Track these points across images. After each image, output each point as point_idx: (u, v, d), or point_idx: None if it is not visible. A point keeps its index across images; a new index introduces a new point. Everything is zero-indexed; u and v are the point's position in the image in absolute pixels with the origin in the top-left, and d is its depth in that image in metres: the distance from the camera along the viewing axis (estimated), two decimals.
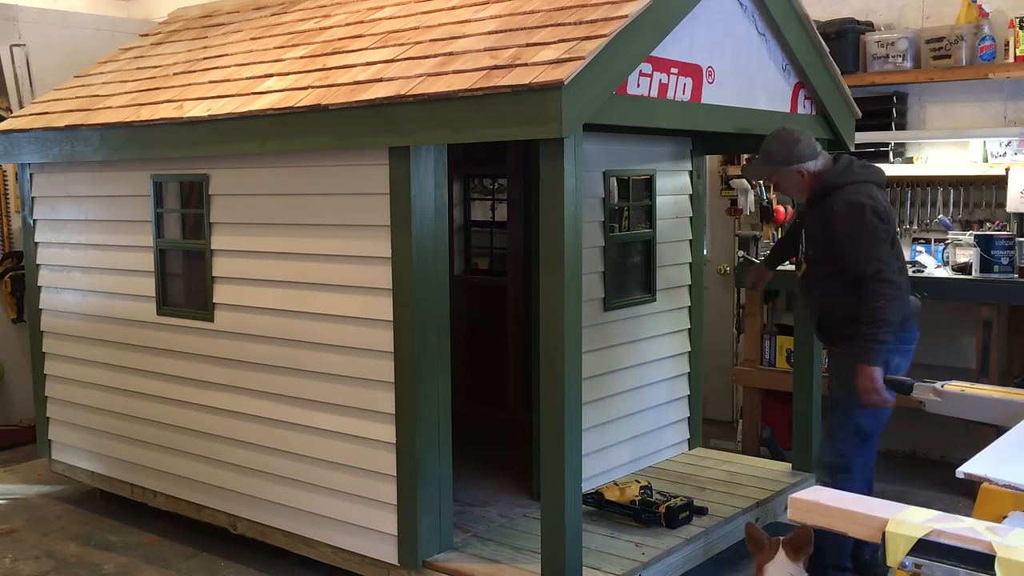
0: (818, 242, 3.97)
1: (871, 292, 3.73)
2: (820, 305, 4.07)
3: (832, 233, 3.84)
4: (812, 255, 4.03)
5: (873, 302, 3.72)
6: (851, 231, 3.80)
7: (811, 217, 4.02)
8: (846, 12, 5.95)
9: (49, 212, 5.40)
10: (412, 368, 3.76)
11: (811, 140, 4.02)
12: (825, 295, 4.01)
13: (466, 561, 3.85)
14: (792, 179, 3.99)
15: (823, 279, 3.99)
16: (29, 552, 4.77)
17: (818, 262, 3.99)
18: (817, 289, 4.05)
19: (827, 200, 3.87)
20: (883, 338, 3.71)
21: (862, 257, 3.77)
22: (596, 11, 3.51)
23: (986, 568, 1.85)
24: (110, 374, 5.09)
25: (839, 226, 3.82)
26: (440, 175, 3.79)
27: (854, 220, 3.80)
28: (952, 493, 5.16)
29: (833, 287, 3.94)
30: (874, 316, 3.71)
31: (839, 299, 3.93)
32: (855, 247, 3.80)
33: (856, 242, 3.80)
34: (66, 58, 6.68)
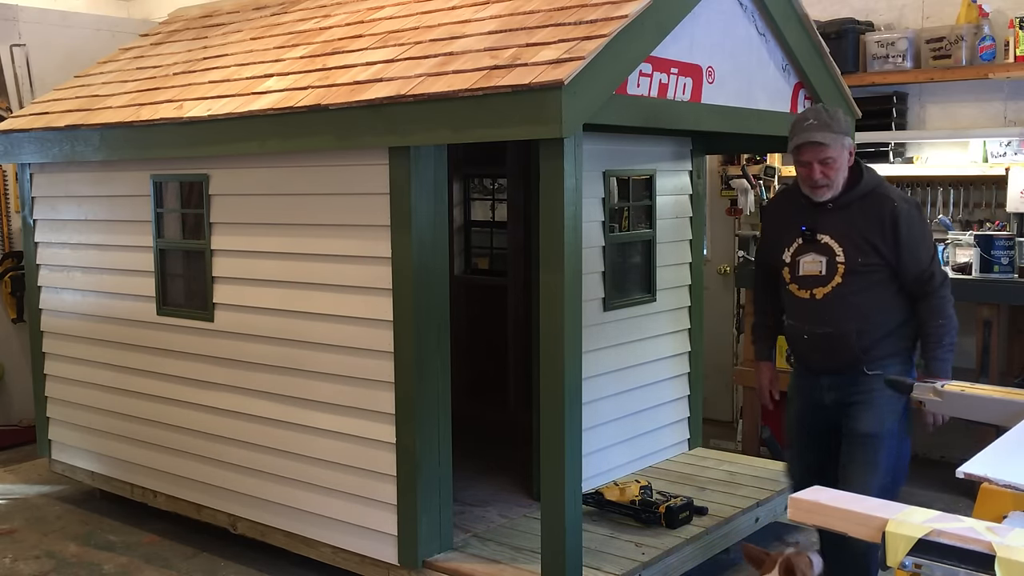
0: (864, 246, 3.48)
1: (942, 299, 3.49)
2: (860, 322, 3.51)
3: (895, 232, 3.45)
4: (852, 264, 3.49)
5: (948, 308, 3.48)
6: (920, 230, 3.51)
7: (841, 219, 3.53)
8: (846, 12, 5.95)
9: (49, 212, 5.40)
10: (412, 368, 3.76)
11: None
12: (868, 309, 3.51)
13: (466, 561, 3.85)
14: (844, 159, 3.52)
15: (866, 291, 3.51)
16: (29, 552, 4.77)
17: (862, 272, 3.49)
18: (855, 304, 3.50)
19: (872, 197, 3.52)
20: (954, 348, 3.52)
21: (930, 259, 3.51)
22: (596, 11, 3.51)
23: (986, 568, 1.85)
24: (110, 374, 5.09)
25: (904, 224, 3.46)
26: (440, 175, 3.79)
27: (919, 218, 3.53)
28: (952, 493, 5.16)
29: (880, 298, 3.52)
30: (951, 324, 3.48)
31: (886, 311, 3.53)
32: (925, 248, 3.51)
33: (925, 243, 3.52)
34: (66, 58, 6.68)
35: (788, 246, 3.62)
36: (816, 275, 3.55)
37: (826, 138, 3.44)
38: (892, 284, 3.52)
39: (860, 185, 3.52)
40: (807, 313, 3.58)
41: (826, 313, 3.53)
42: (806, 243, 3.57)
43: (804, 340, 3.60)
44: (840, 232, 3.52)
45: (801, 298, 3.59)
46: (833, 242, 3.53)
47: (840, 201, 3.53)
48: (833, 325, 3.52)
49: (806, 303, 3.57)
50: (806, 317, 3.59)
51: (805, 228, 3.57)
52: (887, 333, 3.54)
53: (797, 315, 3.63)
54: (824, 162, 3.46)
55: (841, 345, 3.52)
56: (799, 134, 3.47)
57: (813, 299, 3.55)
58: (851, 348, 3.51)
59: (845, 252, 3.50)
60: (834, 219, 3.54)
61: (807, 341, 3.60)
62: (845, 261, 3.49)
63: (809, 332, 3.59)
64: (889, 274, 3.50)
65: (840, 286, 3.51)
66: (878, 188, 3.53)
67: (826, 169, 3.48)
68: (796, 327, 3.64)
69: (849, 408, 3.57)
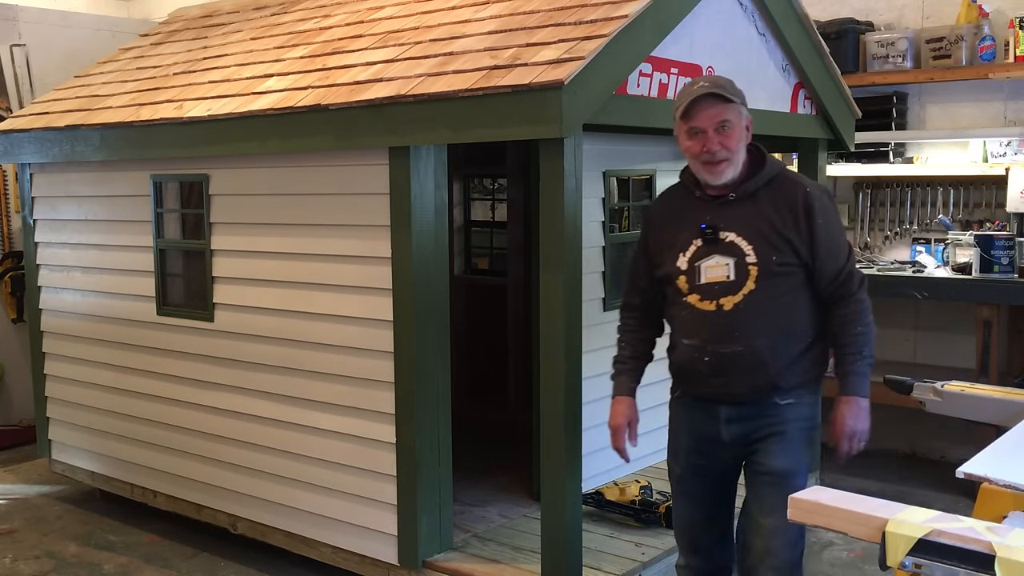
0: (778, 242, 2.89)
1: (861, 303, 2.95)
2: (775, 336, 2.90)
3: (809, 223, 2.90)
4: (766, 265, 2.88)
5: (867, 314, 2.95)
6: (836, 221, 2.98)
7: (747, 211, 2.94)
8: (846, 12, 5.95)
9: (49, 212, 5.40)
10: (412, 368, 3.75)
11: None
12: (786, 320, 2.92)
13: (466, 561, 3.85)
14: (742, 130, 2.95)
15: (783, 297, 2.91)
16: (29, 552, 4.77)
17: (778, 274, 2.89)
18: (772, 315, 2.89)
19: (779, 182, 2.96)
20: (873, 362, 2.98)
21: (847, 255, 2.97)
22: (596, 11, 3.51)
23: (986, 568, 1.85)
24: (110, 374, 5.09)
25: (820, 213, 2.90)
26: (440, 175, 3.79)
27: (833, 207, 3.00)
28: (952, 493, 5.16)
29: (797, 306, 2.94)
30: (871, 333, 2.95)
31: (802, 324, 2.96)
32: (842, 242, 2.97)
33: (842, 236, 2.99)
34: (66, 58, 6.68)
35: (684, 250, 2.98)
36: (723, 281, 2.91)
37: (722, 94, 2.88)
38: (808, 289, 2.95)
39: (765, 169, 2.96)
40: (710, 329, 2.92)
41: (736, 327, 2.89)
42: (707, 244, 2.94)
43: (704, 363, 2.94)
44: (748, 227, 2.91)
45: (704, 311, 2.93)
46: (741, 240, 2.91)
47: (743, 189, 2.94)
48: (744, 342, 2.89)
49: (709, 317, 2.92)
50: (709, 334, 2.93)
51: (705, 226, 2.94)
52: (802, 351, 2.96)
53: (696, 332, 2.96)
54: (722, 128, 2.88)
55: (753, 367, 2.90)
56: (688, 95, 2.90)
57: (720, 311, 2.91)
58: (765, 370, 2.89)
59: (756, 251, 2.89)
60: (739, 212, 2.93)
61: (708, 364, 2.93)
62: (758, 261, 2.88)
63: (713, 352, 2.92)
64: (805, 276, 2.94)
65: (754, 293, 2.88)
66: (784, 172, 3.02)
67: (724, 138, 2.88)
68: (693, 347, 2.97)
69: (758, 444, 2.99)
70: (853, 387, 2.94)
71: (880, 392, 5.06)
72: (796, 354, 2.94)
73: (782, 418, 2.96)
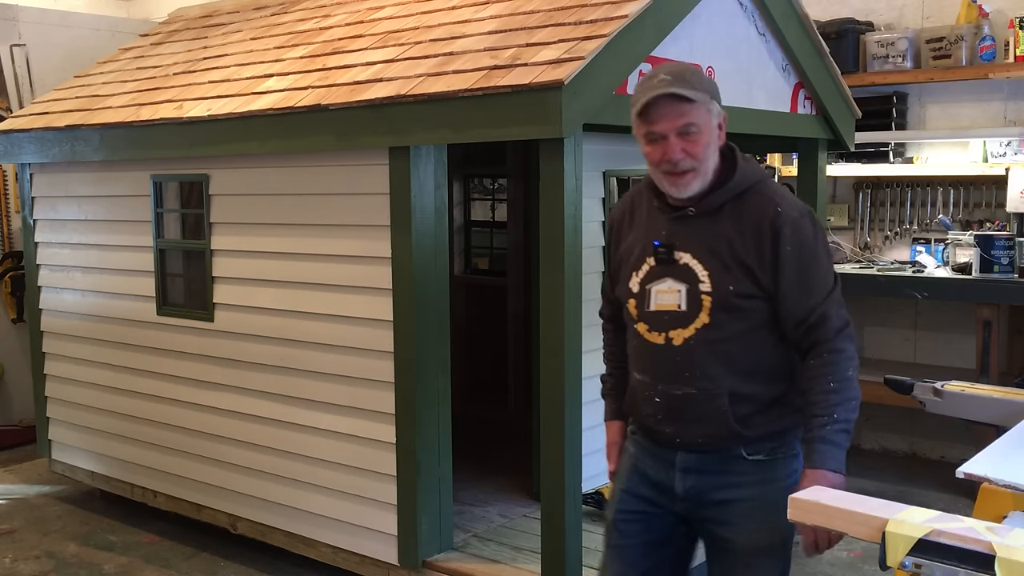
0: (737, 270, 2.38)
1: (839, 353, 2.36)
2: (735, 380, 2.41)
3: (775, 251, 2.37)
4: (721, 295, 2.38)
5: (842, 369, 2.34)
6: (812, 251, 2.40)
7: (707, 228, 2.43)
8: (846, 12, 5.95)
9: (49, 212, 5.40)
10: (412, 368, 3.75)
11: None
12: (748, 363, 2.42)
13: (466, 561, 3.85)
14: (713, 132, 2.41)
15: (745, 336, 2.41)
16: (29, 552, 4.77)
17: (737, 307, 2.39)
18: (729, 355, 2.41)
19: (750, 197, 2.43)
20: (851, 430, 2.38)
21: (825, 294, 2.39)
22: (596, 11, 3.51)
23: (986, 568, 1.85)
24: (110, 374, 5.09)
25: (789, 240, 2.37)
26: (440, 175, 3.79)
27: (814, 234, 2.42)
28: (952, 493, 5.16)
29: (765, 347, 2.43)
30: (849, 393, 2.35)
31: (771, 365, 2.44)
32: (820, 278, 2.39)
33: (820, 270, 2.40)
34: (66, 58, 6.68)
35: (636, 270, 2.51)
36: (673, 311, 2.43)
37: (686, 94, 2.34)
38: (775, 330, 2.45)
39: (734, 179, 2.43)
40: (659, 366, 2.47)
41: (687, 367, 2.43)
42: (660, 265, 2.46)
43: (655, 404, 2.49)
44: (705, 248, 2.41)
45: (652, 344, 2.47)
46: (696, 263, 2.41)
47: (706, 203, 2.43)
48: (696, 383, 2.42)
49: (659, 351, 2.46)
50: (657, 371, 2.48)
51: (659, 243, 2.46)
52: (775, 398, 2.45)
53: (645, 368, 2.51)
54: (685, 133, 2.36)
55: (709, 413, 2.43)
56: (646, 92, 2.38)
57: (669, 346, 2.44)
58: (723, 418, 2.42)
59: (712, 277, 2.39)
60: (698, 229, 2.43)
61: (659, 405, 2.48)
62: (712, 290, 2.39)
63: (663, 393, 2.46)
64: (771, 314, 2.42)
65: (708, 328, 2.40)
66: (758, 185, 2.44)
67: (689, 144, 2.37)
68: (644, 384, 2.52)
69: (720, 509, 2.47)
70: (819, 459, 2.33)
71: (880, 392, 5.09)
72: (765, 401, 2.43)
73: (752, 477, 2.44)
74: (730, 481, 2.46)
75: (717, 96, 2.43)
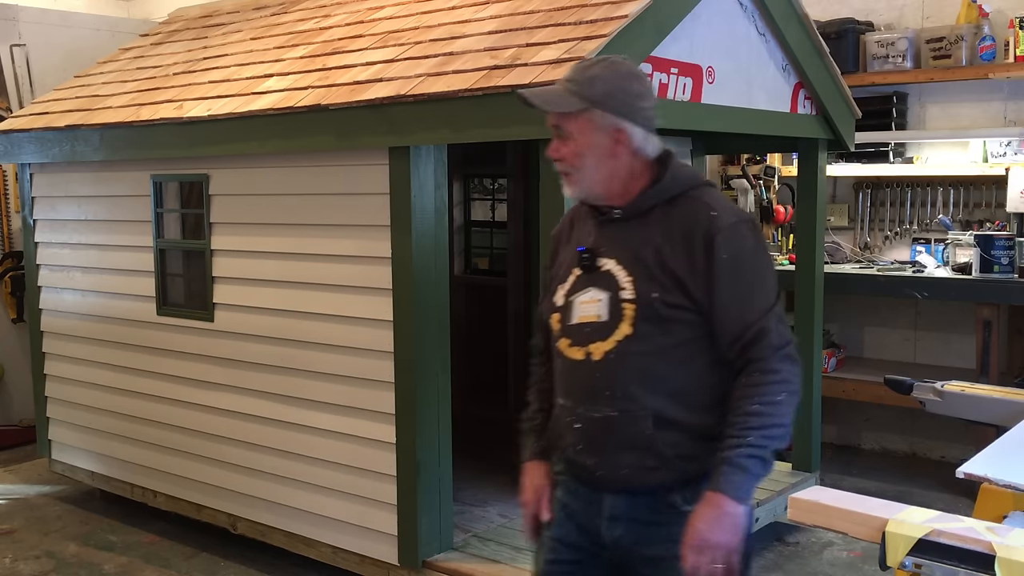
0: (663, 277, 2.14)
1: (773, 375, 2.10)
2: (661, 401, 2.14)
3: (708, 260, 2.12)
4: (644, 302, 2.13)
5: (772, 392, 2.08)
6: (751, 262, 2.16)
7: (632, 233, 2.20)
8: (846, 12, 5.95)
9: (49, 212, 5.40)
10: (412, 368, 3.75)
11: (654, 101, 2.29)
12: (677, 382, 2.15)
13: (466, 561, 3.85)
14: (594, 141, 2.19)
15: (672, 351, 2.14)
16: (29, 552, 4.77)
17: (662, 317, 2.13)
18: (653, 372, 2.14)
19: (683, 203, 2.19)
20: (770, 460, 2.10)
21: (765, 310, 2.13)
22: (596, 11, 3.51)
23: (986, 568, 1.85)
24: (110, 374, 5.09)
25: (725, 248, 2.12)
26: (440, 175, 3.79)
27: (754, 244, 2.18)
28: (952, 493, 5.16)
29: (696, 366, 2.16)
30: (775, 419, 2.08)
31: (707, 390, 2.16)
32: (759, 291, 2.15)
33: (760, 284, 2.16)
34: (66, 58, 6.68)
35: (563, 282, 2.28)
36: (594, 322, 2.18)
37: (559, 102, 2.19)
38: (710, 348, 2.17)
39: (663, 182, 2.21)
40: (578, 385, 2.21)
41: (606, 384, 2.16)
42: (585, 273, 2.23)
43: (575, 431, 2.22)
44: (630, 254, 2.18)
45: (572, 360, 2.22)
46: (619, 269, 2.18)
47: (634, 206, 2.21)
48: (617, 404, 2.15)
49: (578, 369, 2.20)
50: (577, 391, 2.22)
51: (583, 249, 2.25)
52: (708, 432, 2.13)
53: (567, 389, 2.26)
54: (560, 135, 2.21)
55: (631, 439, 2.15)
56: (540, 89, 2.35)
57: (588, 361, 2.18)
58: (648, 445, 2.14)
59: (635, 284, 2.15)
60: (624, 234, 2.21)
61: (579, 432, 2.22)
62: (636, 298, 2.14)
63: (582, 417, 2.20)
64: (703, 330, 2.16)
65: (630, 339, 2.14)
66: (694, 191, 2.22)
67: (563, 146, 2.21)
68: (565, 409, 2.26)
69: (651, 566, 2.20)
70: (718, 481, 2.05)
71: (880, 392, 5.10)
72: (697, 431, 2.14)
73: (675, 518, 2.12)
74: (662, 535, 2.15)
75: (620, 106, 2.18)
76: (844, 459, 5.97)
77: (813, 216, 4.83)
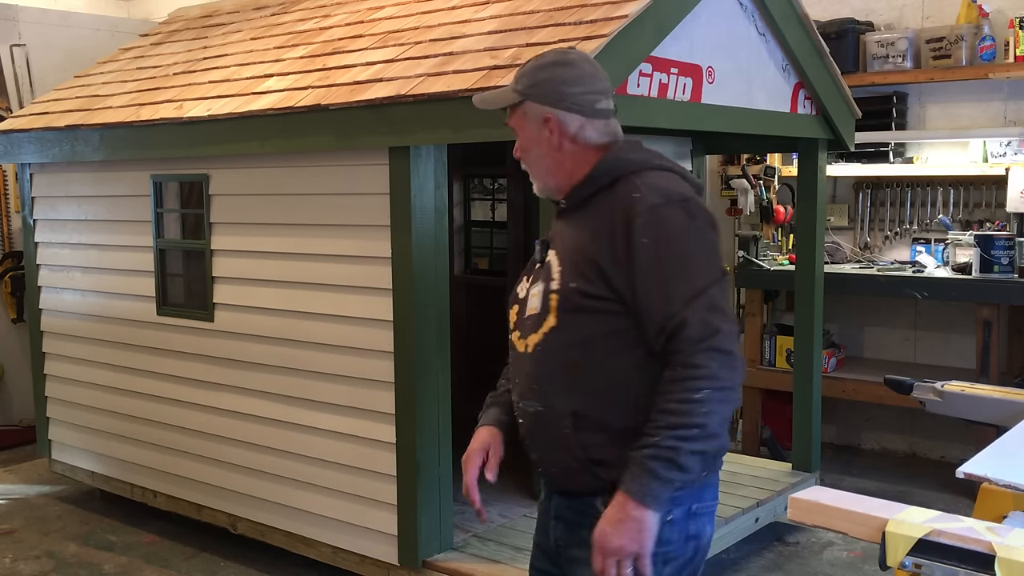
0: (584, 266, 2.06)
1: (693, 370, 1.93)
2: (579, 399, 2.06)
3: (628, 243, 2.00)
4: (565, 294, 2.08)
5: (692, 389, 1.92)
6: (678, 245, 2.00)
7: (571, 224, 2.16)
8: (846, 12, 5.95)
9: (49, 212, 5.40)
10: (412, 368, 3.76)
11: (599, 86, 2.18)
12: (597, 379, 2.05)
13: (466, 561, 3.85)
14: (531, 133, 2.18)
15: (592, 345, 2.05)
16: (29, 552, 4.77)
17: (581, 308, 2.06)
18: (573, 366, 2.07)
19: (617, 188, 2.09)
20: (689, 464, 1.92)
21: (689, 297, 1.96)
22: (596, 11, 3.51)
23: (986, 568, 1.85)
24: (110, 374, 5.09)
25: (646, 230, 1.99)
26: (440, 175, 3.79)
27: (684, 226, 2.01)
28: (952, 493, 5.16)
29: (620, 364, 2.03)
30: (688, 417, 1.91)
31: (632, 390, 2.03)
32: (682, 276, 1.98)
33: (685, 268, 1.99)
34: (66, 58, 6.68)
35: (528, 274, 2.27)
36: (533, 314, 2.15)
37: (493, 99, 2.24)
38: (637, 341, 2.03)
39: (594, 170, 2.13)
40: (519, 377, 2.20)
41: (535, 377, 2.13)
42: (539, 266, 2.21)
43: (520, 425, 2.24)
44: (568, 244, 2.13)
45: (516, 352, 2.22)
46: (556, 260, 2.14)
47: (572, 197, 2.16)
48: (544, 399, 2.12)
49: (518, 360, 2.20)
50: (519, 385, 2.20)
51: (538, 241, 2.25)
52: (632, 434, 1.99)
53: (512, 382, 2.26)
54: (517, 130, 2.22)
55: (554, 437, 2.11)
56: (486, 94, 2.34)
57: (525, 353, 2.17)
58: (567, 446, 2.08)
59: (562, 274, 2.10)
60: (567, 225, 2.18)
61: (522, 427, 2.23)
62: (559, 288, 2.09)
63: (522, 411, 2.20)
64: (631, 320, 2.03)
65: (554, 331, 2.09)
66: (635, 175, 2.08)
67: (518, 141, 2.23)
68: (515, 403, 2.25)
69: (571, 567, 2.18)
70: (627, 483, 1.93)
71: (880, 392, 5.10)
72: (618, 432, 2.02)
73: None
74: (583, 536, 2.03)
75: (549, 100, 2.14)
76: (844, 459, 5.97)
77: (813, 216, 4.84)
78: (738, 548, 4.45)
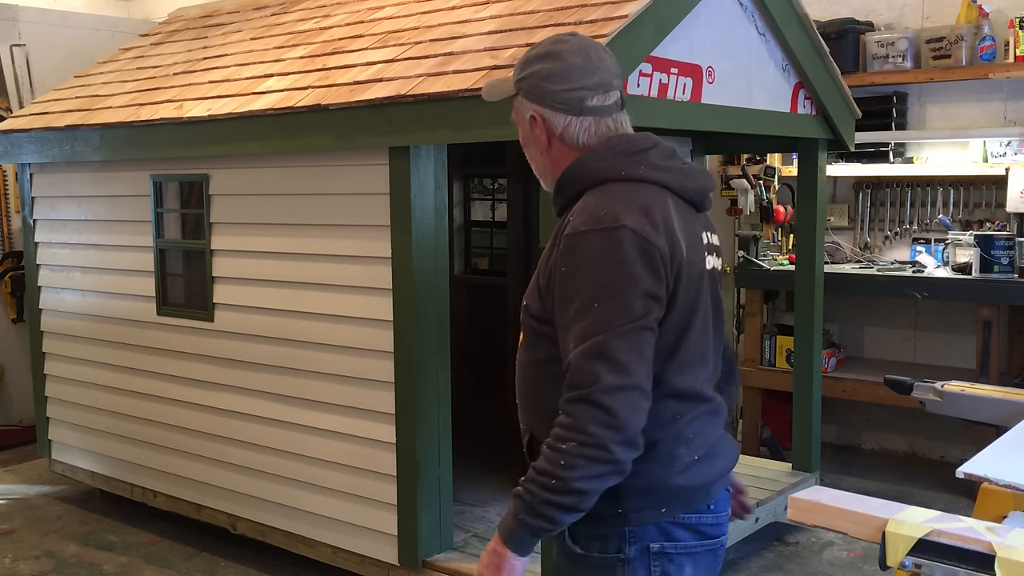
0: (533, 290, 2.01)
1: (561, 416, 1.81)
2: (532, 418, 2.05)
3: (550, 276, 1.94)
4: (522, 316, 2.05)
5: (556, 438, 1.80)
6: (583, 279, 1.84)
7: None
8: (846, 12, 5.95)
9: (49, 212, 5.40)
10: (412, 368, 3.76)
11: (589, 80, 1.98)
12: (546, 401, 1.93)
13: (466, 561, 3.85)
14: (524, 130, 2.08)
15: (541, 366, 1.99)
16: (29, 552, 4.77)
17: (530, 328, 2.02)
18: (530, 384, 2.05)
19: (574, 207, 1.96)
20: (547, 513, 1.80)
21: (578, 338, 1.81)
22: (596, 11, 3.51)
23: (986, 568, 1.85)
24: (110, 374, 5.09)
25: (566, 261, 1.88)
26: (440, 175, 3.79)
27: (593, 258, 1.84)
28: (952, 493, 5.16)
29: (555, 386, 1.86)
30: (548, 465, 1.79)
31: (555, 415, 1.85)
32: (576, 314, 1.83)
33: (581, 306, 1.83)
34: (66, 58, 6.69)
35: None
36: None
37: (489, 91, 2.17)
38: None
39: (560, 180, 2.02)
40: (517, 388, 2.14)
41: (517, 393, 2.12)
42: None
43: None
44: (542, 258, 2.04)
45: None
46: None
47: (555, 206, 2.06)
48: (520, 415, 2.11)
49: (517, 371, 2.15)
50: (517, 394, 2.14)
51: None
52: None
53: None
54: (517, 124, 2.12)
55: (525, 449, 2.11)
56: None
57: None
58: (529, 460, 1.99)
59: (528, 290, 2.05)
60: None
61: None
62: (523, 305, 2.05)
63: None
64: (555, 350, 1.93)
65: (522, 349, 2.07)
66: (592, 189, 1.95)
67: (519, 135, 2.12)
68: None
69: None
70: (503, 517, 1.89)
71: (880, 392, 5.10)
72: None
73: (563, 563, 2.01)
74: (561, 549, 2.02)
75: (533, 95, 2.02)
76: (844, 459, 5.97)
77: (813, 216, 4.84)
78: (738, 548, 4.45)
